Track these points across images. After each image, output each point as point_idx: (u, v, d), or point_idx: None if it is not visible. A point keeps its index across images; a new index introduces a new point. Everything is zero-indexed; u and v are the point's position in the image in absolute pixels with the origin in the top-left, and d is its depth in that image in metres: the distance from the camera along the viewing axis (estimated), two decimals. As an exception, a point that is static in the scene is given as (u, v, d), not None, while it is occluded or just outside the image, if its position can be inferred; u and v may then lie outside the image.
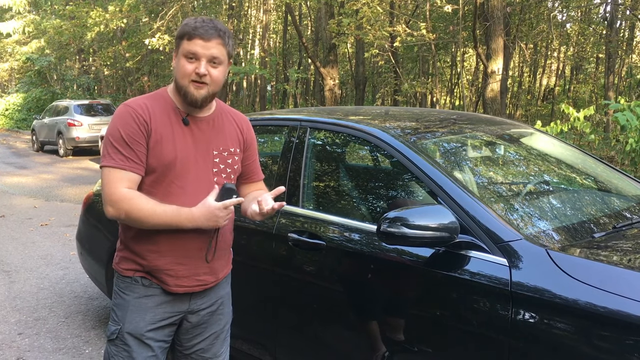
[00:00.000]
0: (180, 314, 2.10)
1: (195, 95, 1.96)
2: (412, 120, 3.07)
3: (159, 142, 1.95)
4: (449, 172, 2.46)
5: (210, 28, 1.93)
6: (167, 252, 2.00)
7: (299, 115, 3.15)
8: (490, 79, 11.02)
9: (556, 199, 2.75)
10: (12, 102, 29.36)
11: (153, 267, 2.02)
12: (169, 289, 2.03)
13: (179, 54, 1.96)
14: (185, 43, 1.93)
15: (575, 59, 23.15)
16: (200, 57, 1.93)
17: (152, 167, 1.96)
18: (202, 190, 1.99)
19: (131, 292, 2.05)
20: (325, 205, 2.93)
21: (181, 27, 1.97)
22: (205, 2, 23.72)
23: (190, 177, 2.00)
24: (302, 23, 27.53)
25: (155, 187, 1.98)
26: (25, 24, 26.01)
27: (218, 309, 2.19)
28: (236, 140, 2.15)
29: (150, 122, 1.94)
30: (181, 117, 2.01)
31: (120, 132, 1.93)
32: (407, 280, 2.33)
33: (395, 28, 13.24)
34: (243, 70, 17.86)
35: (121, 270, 2.09)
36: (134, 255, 2.05)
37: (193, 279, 2.06)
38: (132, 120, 1.93)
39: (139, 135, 1.93)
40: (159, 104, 2.01)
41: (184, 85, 1.96)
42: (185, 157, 1.99)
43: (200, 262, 2.06)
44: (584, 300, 1.82)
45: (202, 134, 2.05)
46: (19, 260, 5.81)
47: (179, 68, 1.95)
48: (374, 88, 27.23)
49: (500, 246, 2.06)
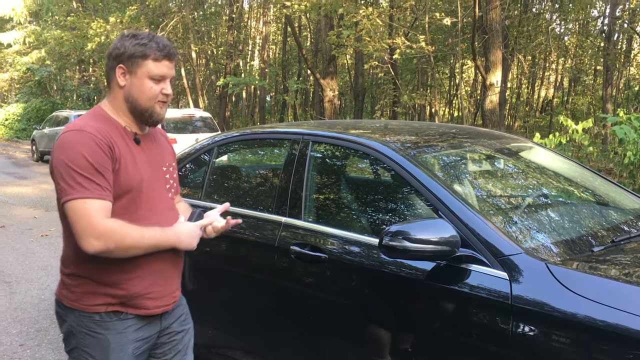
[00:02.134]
0: (154, 336, 2.05)
1: (161, 114, 1.94)
2: (412, 134, 3.11)
3: (124, 166, 1.86)
4: (449, 185, 2.49)
5: (171, 47, 1.94)
6: (147, 275, 1.94)
7: (300, 128, 3.18)
8: (489, 91, 11.10)
9: (555, 212, 2.78)
10: (12, 112, 29.42)
11: (132, 295, 1.91)
12: (149, 312, 1.96)
13: (140, 75, 1.89)
14: (152, 64, 1.88)
15: (573, 71, 23.28)
16: (166, 78, 1.92)
17: (119, 193, 1.86)
18: (164, 209, 1.99)
19: (107, 329, 1.90)
20: (326, 218, 2.95)
21: (138, 46, 1.88)
22: (206, 14, 23.86)
23: (154, 198, 1.96)
24: (302, 34, 27.68)
25: (123, 213, 1.86)
26: (26, 34, 26.12)
27: (181, 317, 2.17)
28: (171, 154, 2.17)
29: (112, 147, 1.84)
30: (132, 137, 1.94)
31: (87, 160, 1.77)
32: (408, 294, 2.35)
33: (395, 40, 13.34)
34: (243, 81, 17.98)
35: (86, 307, 1.90)
36: (104, 287, 1.89)
37: (169, 297, 2.04)
38: (96, 146, 1.79)
39: (107, 161, 1.81)
40: (108, 126, 1.89)
41: (150, 107, 1.91)
42: (148, 177, 1.95)
43: (174, 280, 2.07)
44: (584, 314, 1.84)
45: (151, 152, 2.01)
46: (19, 271, 5.82)
47: (146, 90, 1.89)
48: (373, 99, 27.34)
49: (500, 260, 2.09)
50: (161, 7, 18.44)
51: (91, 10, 22.22)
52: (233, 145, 3.66)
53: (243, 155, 4.08)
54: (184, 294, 2.24)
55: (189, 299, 2.18)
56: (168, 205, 2.03)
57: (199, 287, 3.21)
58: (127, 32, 1.97)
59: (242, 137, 3.54)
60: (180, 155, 3.64)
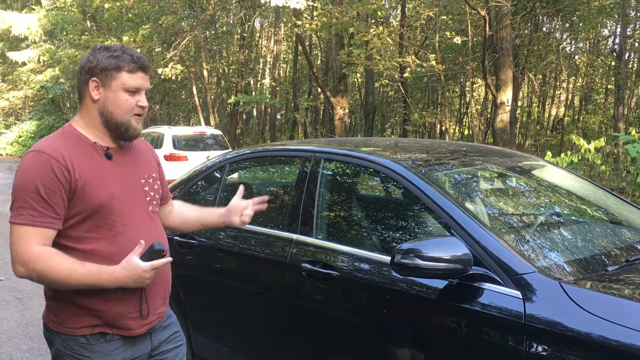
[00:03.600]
0: (144, 356, 1.99)
1: (137, 128, 1.91)
2: (423, 151, 3.11)
3: (86, 185, 1.80)
4: (461, 203, 2.48)
5: (144, 59, 1.91)
6: (125, 295, 1.86)
7: (311, 146, 3.19)
8: (499, 110, 11.09)
9: (568, 231, 2.76)
10: (26, 130, 29.71)
11: (114, 315, 1.86)
12: (134, 332, 1.91)
13: (115, 87, 1.85)
14: (127, 76, 1.85)
15: (584, 89, 23.24)
16: (141, 90, 1.90)
17: (87, 211, 1.81)
18: (144, 221, 1.94)
19: (93, 352, 1.86)
20: (338, 236, 2.95)
21: (112, 59, 1.85)
22: (217, 33, 24.11)
23: (129, 212, 1.90)
24: (313, 53, 27.87)
25: (97, 231, 1.83)
26: (40, 53, 26.45)
27: (172, 335, 2.11)
28: (153, 165, 2.11)
29: (71, 168, 1.78)
30: (102, 153, 1.89)
31: (36, 185, 1.74)
32: (420, 312, 2.34)
33: (405, 59, 13.40)
34: (254, 100, 18.07)
35: (71, 331, 1.85)
36: (86, 309, 1.84)
37: (153, 315, 1.97)
38: (50, 170, 1.75)
39: (57, 186, 1.76)
40: (75, 144, 1.85)
41: (126, 120, 1.88)
42: (121, 193, 1.88)
43: (156, 298, 1.97)
44: (598, 334, 1.83)
45: (127, 165, 1.96)
46: (31, 287, 5.84)
47: (121, 103, 1.86)
48: (383, 117, 27.39)
49: (513, 279, 2.07)
50: (174, 26, 18.65)
51: (105, 29, 22.52)
52: (245, 163, 3.67)
53: (254, 172, 4.10)
54: (195, 311, 2.23)
55: (200, 315, 2.17)
56: (147, 219, 1.96)
57: (209, 303, 3.21)
58: (98, 45, 1.92)
59: (254, 155, 3.56)
60: (192, 173, 3.66)
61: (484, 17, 10.98)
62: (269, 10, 22.84)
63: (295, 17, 15.46)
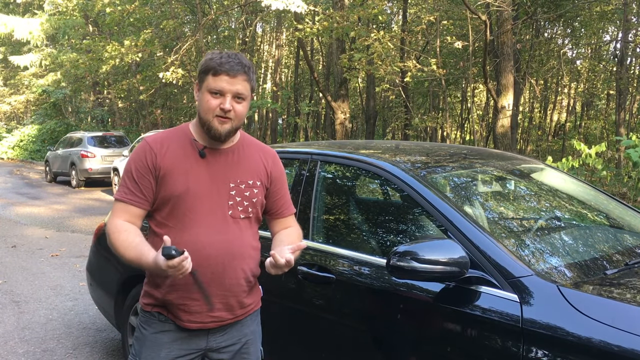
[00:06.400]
0: (197, 352, 2.04)
1: (219, 129, 1.95)
2: (423, 154, 3.09)
3: (167, 174, 1.96)
4: (459, 206, 2.46)
5: (236, 64, 1.92)
6: (178, 285, 1.96)
7: (309, 148, 3.17)
8: (500, 115, 11.07)
9: (567, 235, 2.74)
10: (27, 134, 29.76)
11: (167, 301, 2.00)
12: (182, 324, 2.00)
13: (203, 89, 1.95)
14: (211, 79, 1.92)
15: (585, 95, 23.22)
16: (226, 93, 1.92)
17: (163, 199, 1.97)
18: (215, 223, 1.97)
19: (149, 326, 2.05)
20: (335, 239, 2.92)
21: (205, 62, 1.95)
22: (219, 37, 24.15)
23: (202, 209, 1.97)
24: (314, 58, 27.90)
25: (169, 219, 1.99)
26: (42, 57, 26.54)
27: (242, 348, 2.11)
28: (258, 173, 2.09)
29: (160, 156, 1.97)
30: (198, 150, 2.01)
31: (131, 167, 2.00)
32: (417, 315, 2.31)
33: (406, 63, 13.41)
34: (255, 104, 18.07)
35: (142, 305, 2.08)
36: (151, 288, 2.05)
37: (206, 315, 1.99)
38: (143, 155, 1.99)
39: (145, 169, 1.97)
40: (177, 137, 2.03)
41: (208, 120, 1.95)
42: (198, 189, 1.97)
43: (215, 300, 1.99)
44: (597, 339, 1.80)
45: (219, 166, 2.02)
46: (28, 291, 5.82)
47: (203, 103, 1.95)
48: (384, 122, 27.41)
49: (510, 282, 2.05)
50: (175, 30, 18.67)
51: (106, 33, 22.57)
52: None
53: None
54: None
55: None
56: (222, 222, 1.99)
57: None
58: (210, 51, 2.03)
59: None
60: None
61: (485, 21, 10.97)
62: (270, 15, 22.89)
63: (296, 22, 15.47)
